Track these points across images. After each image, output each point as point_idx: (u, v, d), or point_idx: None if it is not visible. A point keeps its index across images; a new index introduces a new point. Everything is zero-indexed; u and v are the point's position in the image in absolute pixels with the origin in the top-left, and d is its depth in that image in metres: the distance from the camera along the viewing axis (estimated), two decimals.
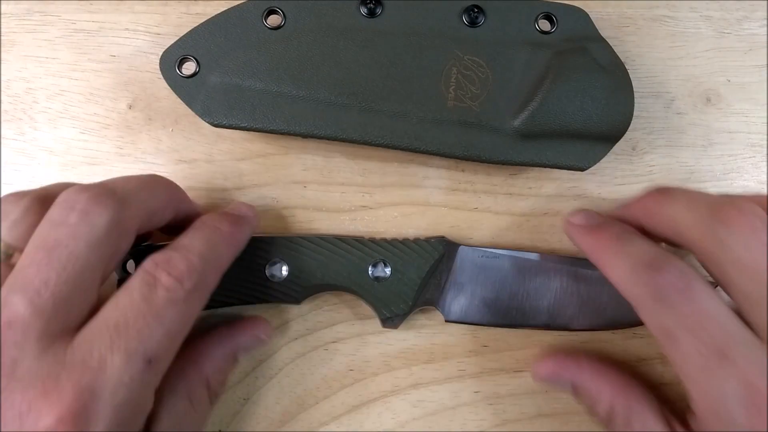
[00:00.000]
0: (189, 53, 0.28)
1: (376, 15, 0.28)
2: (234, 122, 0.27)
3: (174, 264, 0.22)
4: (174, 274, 0.21)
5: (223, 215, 0.26)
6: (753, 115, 0.32)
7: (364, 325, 0.30)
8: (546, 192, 0.31)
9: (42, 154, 0.30)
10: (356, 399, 0.30)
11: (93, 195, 0.21)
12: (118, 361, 0.19)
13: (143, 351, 0.20)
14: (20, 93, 0.31)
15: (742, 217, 0.22)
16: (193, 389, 0.25)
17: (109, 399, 0.19)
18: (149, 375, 0.20)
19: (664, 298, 0.22)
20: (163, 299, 0.21)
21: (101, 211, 0.21)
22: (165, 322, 0.21)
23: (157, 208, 0.24)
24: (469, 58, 0.28)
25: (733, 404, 0.20)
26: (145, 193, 0.24)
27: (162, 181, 0.26)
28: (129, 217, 0.22)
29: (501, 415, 0.30)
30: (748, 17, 0.33)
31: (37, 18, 0.31)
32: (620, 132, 0.28)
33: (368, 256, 0.28)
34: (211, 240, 0.24)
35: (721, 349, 0.21)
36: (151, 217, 0.24)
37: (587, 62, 0.27)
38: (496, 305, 0.29)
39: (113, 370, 0.19)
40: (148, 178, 0.25)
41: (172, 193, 0.26)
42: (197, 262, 0.22)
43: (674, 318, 0.22)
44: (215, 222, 0.25)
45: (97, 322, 0.20)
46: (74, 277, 0.20)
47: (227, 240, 0.25)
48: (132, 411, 0.20)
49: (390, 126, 0.28)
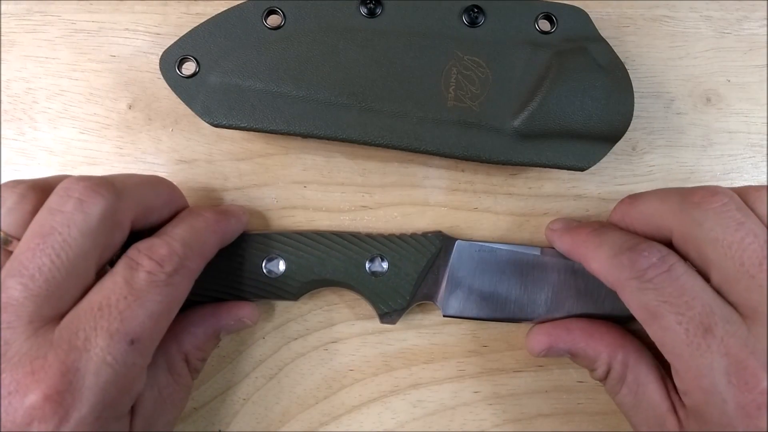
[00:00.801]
0: (189, 53, 0.28)
1: (376, 15, 0.28)
2: (234, 122, 0.27)
3: (155, 249, 0.23)
4: (155, 257, 0.22)
5: (209, 207, 0.28)
6: (753, 115, 0.32)
7: (363, 325, 0.30)
8: (546, 192, 0.31)
9: (42, 154, 0.30)
10: (356, 399, 0.30)
11: (90, 185, 0.22)
12: (101, 342, 0.20)
13: (126, 331, 0.21)
14: (20, 93, 0.31)
15: (713, 197, 0.23)
16: (172, 362, 0.25)
17: (93, 378, 0.20)
18: (133, 355, 0.21)
19: (646, 277, 0.22)
20: (144, 281, 0.22)
21: (97, 200, 0.21)
22: (147, 303, 0.21)
23: (155, 206, 0.25)
24: (469, 58, 0.28)
25: (719, 378, 0.21)
26: (143, 189, 0.24)
27: (163, 182, 0.26)
28: (124, 209, 0.23)
29: (501, 415, 0.30)
30: (748, 17, 0.33)
31: (37, 18, 0.31)
32: (620, 132, 0.28)
33: (365, 251, 0.28)
34: (194, 226, 0.25)
35: (705, 324, 0.21)
36: (147, 213, 0.24)
37: (587, 62, 0.27)
38: (493, 299, 0.29)
39: (96, 349, 0.20)
40: (150, 176, 0.26)
41: (172, 193, 0.26)
42: (178, 247, 0.23)
43: (657, 296, 0.22)
44: (201, 210, 0.26)
45: (83, 305, 0.21)
46: (68, 264, 0.21)
47: (211, 227, 0.25)
48: (117, 390, 0.21)
49: (390, 126, 0.28)
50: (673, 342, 0.22)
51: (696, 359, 0.21)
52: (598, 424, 0.30)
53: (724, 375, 0.21)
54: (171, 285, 0.22)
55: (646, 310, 0.23)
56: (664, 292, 0.22)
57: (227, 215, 0.27)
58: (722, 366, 0.21)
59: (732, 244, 0.22)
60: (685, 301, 0.22)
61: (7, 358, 0.20)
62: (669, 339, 0.22)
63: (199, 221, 0.25)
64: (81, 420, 0.19)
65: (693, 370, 0.21)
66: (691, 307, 0.21)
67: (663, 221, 0.24)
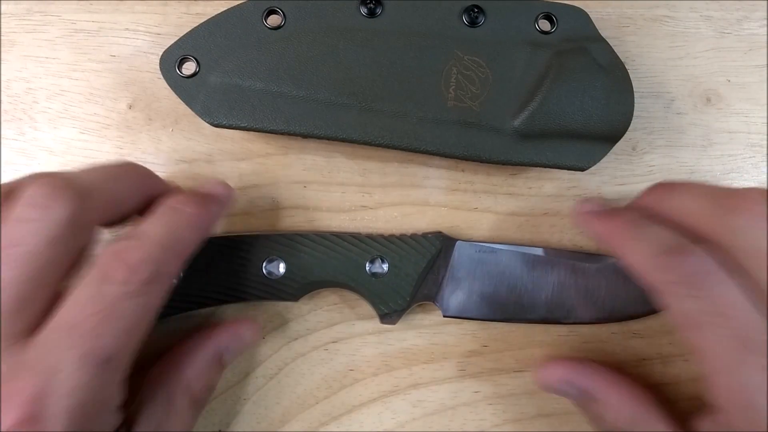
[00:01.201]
0: (189, 53, 0.28)
1: (376, 15, 0.28)
2: (234, 122, 0.27)
3: (129, 254, 0.21)
4: (129, 264, 0.21)
5: (189, 196, 0.25)
6: (753, 115, 0.32)
7: (364, 325, 0.30)
8: (546, 192, 0.31)
9: (42, 154, 0.30)
10: (356, 399, 0.30)
11: (52, 190, 0.21)
12: (72, 364, 0.19)
13: (99, 351, 0.20)
14: (20, 93, 0.31)
15: (750, 205, 0.22)
16: (172, 396, 0.24)
17: (64, 401, 0.19)
18: (108, 374, 0.20)
19: (691, 284, 0.22)
20: (117, 294, 0.20)
21: (60, 205, 0.20)
22: (120, 318, 0.20)
23: (124, 197, 0.24)
24: (469, 58, 0.28)
25: (758, 394, 0.20)
26: (110, 183, 0.23)
27: (132, 169, 0.25)
28: (90, 209, 0.22)
29: (501, 415, 0.30)
30: (748, 17, 0.33)
31: (37, 18, 0.31)
32: (620, 132, 0.28)
33: (365, 252, 0.28)
34: (172, 224, 0.23)
35: (745, 339, 0.20)
36: (118, 206, 0.23)
37: (587, 62, 0.27)
38: (494, 299, 0.29)
39: (68, 372, 0.19)
40: (115, 167, 0.24)
41: (142, 179, 0.25)
42: (154, 250, 0.21)
43: (700, 305, 0.21)
44: (179, 203, 0.24)
45: (54, 323, 0.20)
46: (35, 275, 0.20)
47: (191, 223, 0.24)
48: (93, 410, 0.20)
49: (390, 126, 0.28)
50: (713, 355, 0.21)
51: (734, 374, 0.21)
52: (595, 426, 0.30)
53: (763, 391, 0.20)
54: (146, 294, 0.21)
55: (687, 317, 0.22)
56: (708, 303, 0.21)
57: (208, 205, 0.25)
58: (761, 382, 0.20)
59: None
60: (727, 314, 0.21)
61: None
62: (708, 351, 0.21)
63: (177, 217, 0.23)
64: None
65: (733, 386, 0.21)
66: (732, 318, 0.21)
67: (697, 223, 0.23)
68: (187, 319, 0.30)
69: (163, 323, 0.30)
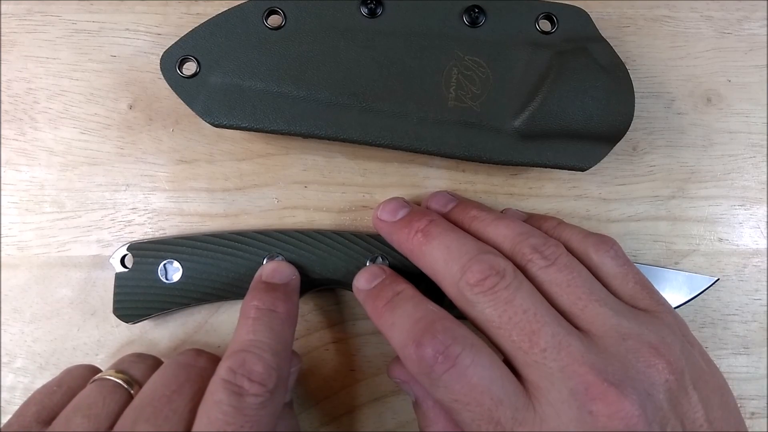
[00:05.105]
0: (189, 53, 0.28)
1: (377, 15, 0.28)
2: (234, 122, 0.27)
3: (251, 368, 0.22)
4: (256, 379, 0.22)
5: (271, 291, 0.26)
6: (753, 115, 0.32)
7: (364, 325, 0.30)
8: (546, 192, 0.31)
9: (43, 154, 0.30)
10: (356, 399, 0.30)
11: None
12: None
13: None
14: (21, 93, 0.31)
15: (484, 278, 0.22)
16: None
17: None
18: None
19: (434, 375, 0.22)
20: (253, 405, 0.22)
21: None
22: (259, 424, 0.22)
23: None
24: (469, 58, 0.28)
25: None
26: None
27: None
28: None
29: None
30: (748, 17, 0.33)
31: (37, 18, 0.31)
32: (621, 132, 0.28)
33: (366, 251, 0.28)
34: (274, 328, 0.24)
35: (495, 419, 0.21)
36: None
37: (588, 62, 0.27)
38: None
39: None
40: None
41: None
42: (271, 359, 0.23)
43: (447, 393, 0.22)
44: (270, 305, 0.25)
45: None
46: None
47: (287, 321, 0.25)
48: None
49: (390, 126, 0.28)
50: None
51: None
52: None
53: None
54: (275, 398, 0.22)
55: (443, 404, 0.22)
56: (453, 390, 0.21)
57: (292, 295, 0.26)
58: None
59: (503, 326, 0.22)
60: (474, 398, 0.21)
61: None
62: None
63: (276, 320, 0.24)
64: None
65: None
66: (480, 403, 0.21)
67: (445, 288, 0.24)
68: (187, 319, 0.30)
69: (163, 323, 0.30)
